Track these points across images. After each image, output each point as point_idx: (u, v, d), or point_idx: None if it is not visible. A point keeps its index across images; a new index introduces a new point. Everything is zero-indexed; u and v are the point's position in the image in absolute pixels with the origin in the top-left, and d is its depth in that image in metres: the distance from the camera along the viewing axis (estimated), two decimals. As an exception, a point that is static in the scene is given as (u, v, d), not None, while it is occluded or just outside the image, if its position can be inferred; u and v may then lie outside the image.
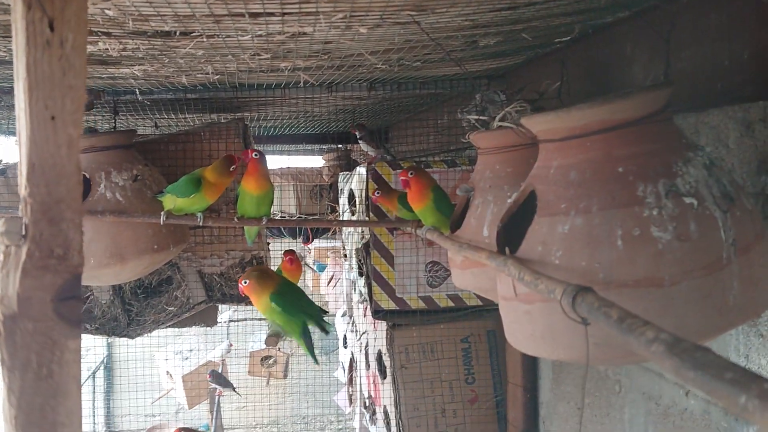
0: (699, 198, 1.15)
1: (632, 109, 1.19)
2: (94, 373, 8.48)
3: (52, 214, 0.68)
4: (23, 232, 0.67)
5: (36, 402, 0.68)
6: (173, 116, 3.41)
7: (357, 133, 3.73)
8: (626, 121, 1.20)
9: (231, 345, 6.15)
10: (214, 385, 5.57)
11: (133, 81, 2.41)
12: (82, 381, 8.01)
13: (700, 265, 1.11)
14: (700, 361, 0.55)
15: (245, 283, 2.12)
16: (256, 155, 2.22)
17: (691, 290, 1.11)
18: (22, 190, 0.68)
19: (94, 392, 8.62)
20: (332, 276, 6.43)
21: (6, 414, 0.68)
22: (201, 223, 2.29)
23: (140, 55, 1.87)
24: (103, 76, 2.27)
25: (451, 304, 2.98)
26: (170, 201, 2.25)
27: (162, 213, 2.23)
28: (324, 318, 2.28)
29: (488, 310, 3.02)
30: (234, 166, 2.26)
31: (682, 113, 1.65)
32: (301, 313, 2.16)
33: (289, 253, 2.63)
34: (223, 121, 3.42)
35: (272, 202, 2.33)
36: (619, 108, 1.19)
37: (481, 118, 1.95)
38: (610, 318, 0.70)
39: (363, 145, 3.76)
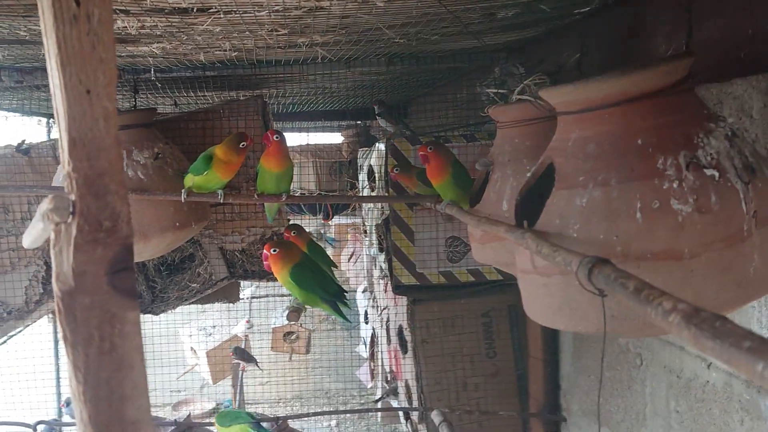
0: (720, 170, 1.14)
1: (652, 81, 1.18)
2: (120, 349, 8.61)
3: (97, 187, 0.69)
4: (71, 208, 0.68)
5: (102, 376, 0.69)
6: (192, 94, 3.42)
7: (376, 108, 3.72)
8: (646, 92, 1.18)
9: (248, 322, 6.21)
10: (237, 361, 5.64)
11: (151, 59, 2.42)
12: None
13: (720, 237, 1.11)
14: (719, 330, 0.55)
15: (274, 251, 2.14)
16: (276, 137, 2.22)
17: (710, 263, 1.10)
18: (66, 166, 0.69)
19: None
20: (353, 252, 6.46)
21: (74, 390, 0.69)
22: (221, 201, 2.31)
23: (158, 33, 1.88)
24: (123, 54, 2.28)
25: (471, 278, 2.98)
26: (189, 179, 2.27)
27: (183, 191, 2.25)
28: (344, 297, 2.28)
29: (509, 284, 3.02)
30: (245, 144, 2.24)
31: (704, 84, 1.63)
32: (317, 291, 2.17)
33: (291, 228, 2.63)
34: (242, 98, 3.43)
35: (291, 179, 2.33)
36: (639, 79, 1.18)
37: (500, 91, 1.94)
38: (627, 289, 0.70)
39: (381, 121, 3.75)
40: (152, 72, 2.60)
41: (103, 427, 0.69)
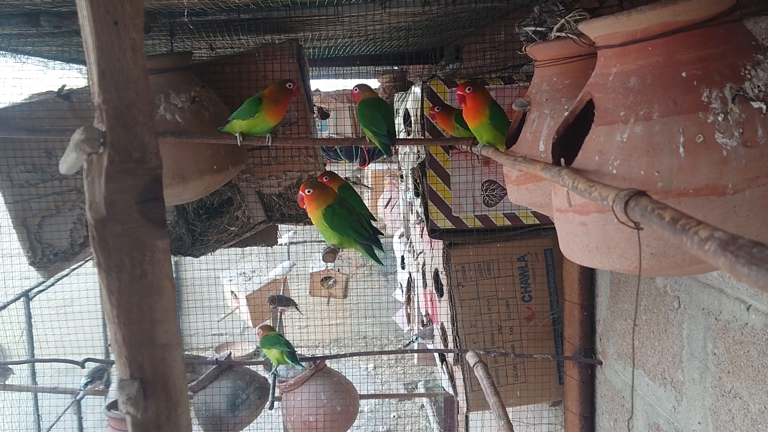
0: (768, 103, 1.10)
1: (697, 10, 1.13)
2: (163, 293, 8.84)
3: (126, 119, 0.70)
4: (102, 139, 0.70)
5: (133, 301, 0.72)
6: (228, 38, 3.41)
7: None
8: (690, 23, 1.14)
9: (294, 264, 6.30)
10: (277, 306, 5.74)
11: (186, 1, 2.40)
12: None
13: (766, 171, 1.07)
14: (756, 256, 0.53)
15: (308, 192, 2.16)
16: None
17: (754, 198, 1.07)
18: (96, 97, 0.70)
19: (164, 311, 9.01)
20: (390, 199, 6.47)
21: (108, 314, 0.73)
22: (270, 144, 2.34)
23: (192, -27, 1.86)
24: (158, -4, 2.27)
25: (507, 222, 2.97)
26: (238, 125, 2.30)
27: (237, 134, 2.29)
28: (378, 241, 2.29)
29: (545, 228, 3.00)
30: (291, 85, 2.30)
31: (753, 17, 1.56)
32: (350, 233, 2.19)
33: (324, 175, 2.65)
34: (277, 42, 3.41)
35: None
36: (683, 9, 1.13)
37: (539, 29, 1.89)
38: (663, 219, 0.69)
39: None
40: (186, 14, 2.59)
41: (135, 347, 0.72)
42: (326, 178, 2.59)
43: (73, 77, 4.46)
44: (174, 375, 0.75)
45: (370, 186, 6.97)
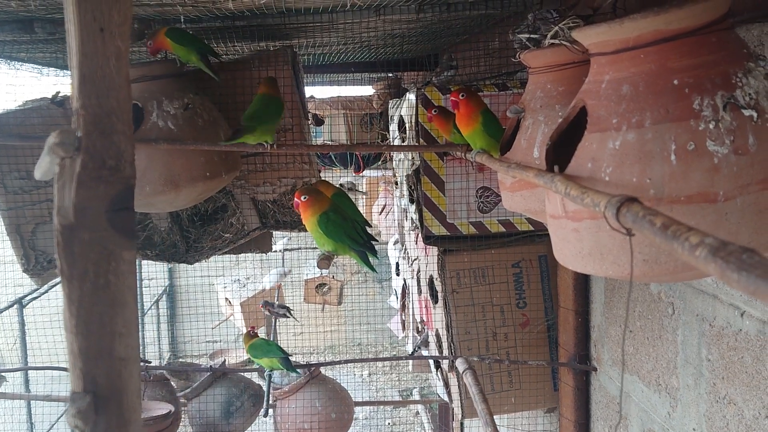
0: (759, 110, 1.10)
1: (688, 19, 1.14)
2: (157, 301, 8.83)
3: (104, 126, 0.70)
4: (77, 144, 0.69)
5: (95, 311, 0.70)
6: (223, 45, 3.41)
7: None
8: (682, 31, 1.14)
9: (289, 270, 6.28)
10: (271, 311, 5.72)
11: (180, 8, 2.40)
12: (146, 310, 8.41)
13: (757, 179, 1.08)
14: (746, 262, 0.54)
15: (303, 198, 2.16)
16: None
17: (746, 205, 1.08)
18: (74, 102, 0.69)
19: (158, 319, 9.01)
20: (384, 205, 6.48)
21: (66, 323, 0.71)
22: (270, 150, 2.35)
23: (186, -20, 1.86)
24: (152, 3, 2.27)
25: (502, 229, 2.97)
26: (266, 129, 2.30)
27: (269, 144, 2.29)
28: (373, 247, 2.29)
29: (540, 235, 3.00)
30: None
31: (745, 24, 1.57)
32: (345, 240, 2.18)
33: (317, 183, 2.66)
34: (272, 49, 3.41)
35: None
36: (675, 17, 1.14)
37: (532, 36, 1.89)
38: (654, 226, 0.69)
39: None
40: (182, 22, 2.59)
41: (91, 360, 0.70)
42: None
43: (67, 84, 4.45)
44: (129, 391, 0.73)
45: (365, 191, 6.97)
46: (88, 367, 0.70)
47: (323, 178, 3.00)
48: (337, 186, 2.66)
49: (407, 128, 3.21)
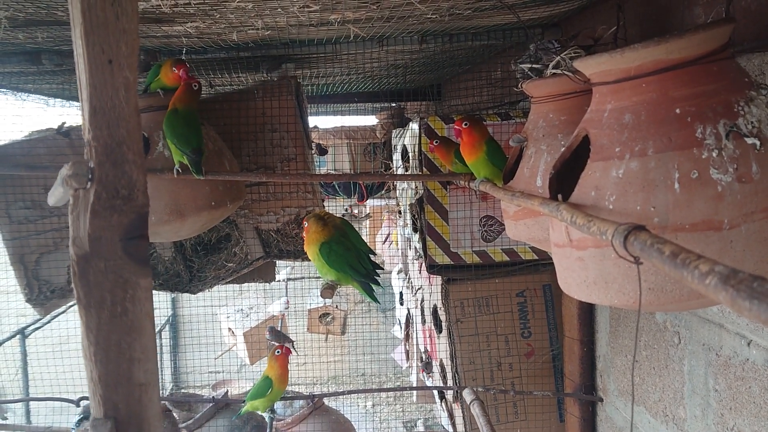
0: (762, 138, 1.11)
1: (689, 48, 1.15)
2: (160, 331, 8.79)
3: (115, 156, 0.70)
4: (89, 175, 0.70)
5: (112, 338, 0.71)
6: (227, 76, 3.45)
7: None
8: (683, 60, 1.15)
9: (288, 302, 6.27)
10: (272, 341, 5.70)
11: (185, 40, 2.44)
12: (149, 338, 8.32)
13: (761, 207, 1.08)
14: (757, 290, 0.53)
15: (306, 225, 2.17)
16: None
17: (750, 233, 1.07)
18: (86, 133, 0.70)
19: (161, 349, 8.96)
20: (388, 235, 6.47)
21: (85, 350, 0.71)
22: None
23: (191, 11, 1.89)
24: (158, 35, 2.30)
25: (506, 258, 2.96)
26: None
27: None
28: (376, 278, 2.28)
29: (544, 264, 2.99)
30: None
31: (746, 54, 1.58)
32: (347, 270, 2.18)
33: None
34: (275, 79, 3.44)
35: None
36: (676, 47, 1.15)
37: (534, 66, 1.91)
38: (663, 254, 0.69)
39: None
40: (184, 52, 2.63)
41: (111, 386, 0.70)
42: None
43: (72, 115, 4.50)
44: (149, 416, 0.73)
45: (369, 214, 6.96)
46: (108, 394, 0.71)
47: (324, 208, 3.01)
48: (340, 216, 2.67)
49: (410, 157, 3.22)
